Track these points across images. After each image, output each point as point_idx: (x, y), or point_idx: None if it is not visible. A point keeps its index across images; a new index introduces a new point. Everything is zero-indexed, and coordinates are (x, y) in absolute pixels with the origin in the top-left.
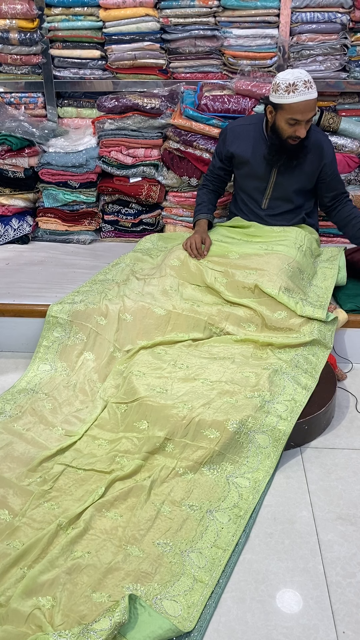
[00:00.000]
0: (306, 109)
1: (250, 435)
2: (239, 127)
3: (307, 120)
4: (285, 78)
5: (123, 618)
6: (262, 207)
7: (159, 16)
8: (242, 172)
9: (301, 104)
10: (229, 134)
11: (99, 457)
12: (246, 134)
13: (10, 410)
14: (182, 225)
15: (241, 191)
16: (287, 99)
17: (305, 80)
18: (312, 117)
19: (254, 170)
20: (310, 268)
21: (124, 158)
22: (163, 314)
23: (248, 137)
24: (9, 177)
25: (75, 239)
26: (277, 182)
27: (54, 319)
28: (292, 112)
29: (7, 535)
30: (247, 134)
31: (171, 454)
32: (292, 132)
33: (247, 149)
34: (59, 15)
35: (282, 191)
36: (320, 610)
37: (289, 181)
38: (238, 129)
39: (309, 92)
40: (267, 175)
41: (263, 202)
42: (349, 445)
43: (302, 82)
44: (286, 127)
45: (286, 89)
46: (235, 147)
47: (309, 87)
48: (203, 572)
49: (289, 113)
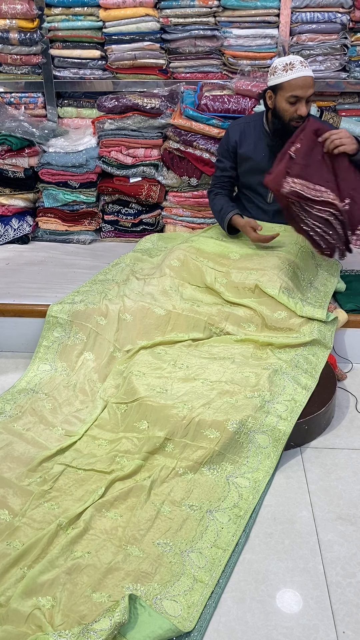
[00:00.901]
0: (305, 85)
1: (250, 435)
2: (240, 124)
3: (307, 98)
4: (282, 60)
5: (123, 618)
6: (268, 201)
7: (159, 16)
8: (245, 168)
9: (299, 79)
10: (232, 130)
11: (99, 457)
12: (248, 130)
13: (10, 410)
14: (182, 225)
15: (245, 188)
16: (286, 76)
17: (301, 60)
18: (311, 96)
19: (258, 164)
20: (310, 269)
21: (124, 158)
22: (163, 314)
23: (250, 133)
24: (9, 177)
25: (75, 239)
26: None
27: (54, 319)
28: (292, 88)
29: (7, 535)
30: (249, 130)
31: (171, 454)
32: (294, 111)
33: (250, 144)
34: (59, 15)
35: None
36: (320, 610)
37: None
38: (240, 126)
39: (306, 70)
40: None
41: (268, 196)
42: (349, 445)
43: (298, 61)
44: (287, 107)
45: (284, 68)
46: (239, 141)
47: (305, 65)
48: (203, 572)
49: (289, 90)
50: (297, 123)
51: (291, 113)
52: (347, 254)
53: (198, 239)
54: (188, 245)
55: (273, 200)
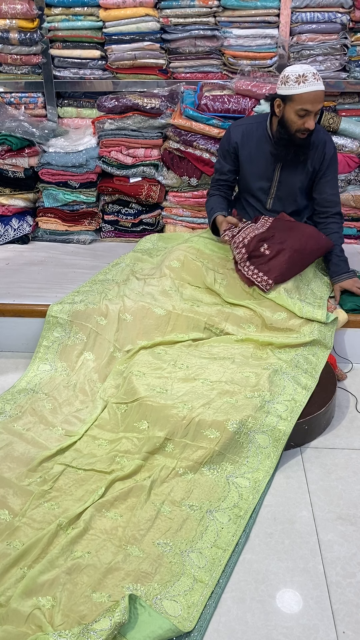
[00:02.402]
0: (316, 100)
1: (250, 435)
2: (242, 126)
3: (316, 112)
4: (295, 70)
5: (123, 618)
6: (267, 207)
7: (159, 16)
8: (246, 172)
9: (311, 94)
10: (234, 131)
11: (99, 457)
12: (250, 133)
13: (10, 410)
14: (182, 225)
15: (245, 192)
16: (297, 89)
17: (314, 72)
18: (319, 109)
19: (258, 168)
20: (309, 271)
21: (124, 158)
22: (163, 314)
23: (252, 136)
24: (9, 177)
25: (75, 239)
26: (280, 180)
27: (54, 319)
28: (302, 102)
29: (7, 535)
30: (251, 132)
31: (171, 454)
32: (302, 124)
33: (252, 147)
34: (59, 15)
35: (286, 190)
36: (320, 610)
37: (293, 179)
38: (242, 127)
39: (318, 84)
40: (271, 173)
41: (268, 201)
42: (349, 445)
43: (311, 73)
44: (296, 119)
45: (296, 80)
46: (241, 143)
47: (318, 79)
48: (203, 572)
49: (299, 104)
50: (302, 135)
51: (299, 125)
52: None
53: (198, 239)
54: (188, 246)
55: (272, 206)
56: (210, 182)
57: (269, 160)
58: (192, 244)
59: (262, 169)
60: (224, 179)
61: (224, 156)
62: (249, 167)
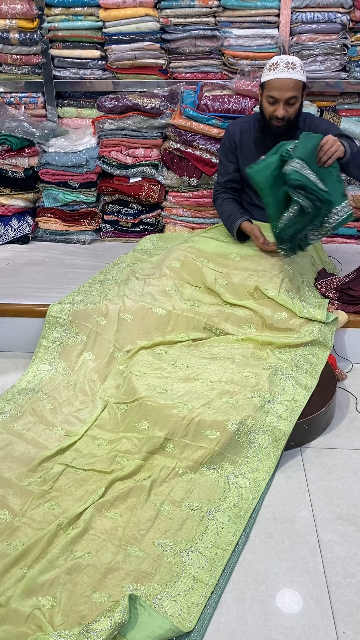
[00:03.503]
0: (282, 87)
1: (250, 435)
2: (239, 123)
3: (287, 100)
4: (274, 58)
5: (123, 618)
6: None
7: (159, 16)
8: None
9: (277, 81)
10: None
11: (99, 457)
12: (247, 130)
13: (10, 410)
14: (182, 225)
15: (247, 187)
16: (267, 76)
17: (289, 62)
18: (291, 98)
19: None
20: (310, 272)
21: (124, 158)
22: (163, 314)
23: (249, 132)
24: (9, 177)
25: (75, 239)
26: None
27: (54, 319)
28: (270, 89)
29: (7, 535)
30: (248, 129)
31: (171, 454)
32: (272, 111)
33: (249, 142)
34: (59, 15)
35: None
36: (320, 610)
37: None
38: (239, 125)
39: (288, 72)
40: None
41: None
42: (349, 445)
43: (284, 62)
44: (267, 106)
45: (269, 68)
46: (239, 139)
47: (291, 68)
48: (203, 572)
49: (268, 90)
50: (277, 122)
51: (270, 112)
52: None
53: (198, 239)
54: (188, 246)
55: None
56: (214, 186)
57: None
58: (192, 243)
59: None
60: (230, 179)
61: (226, 155)
62: (248, 162)
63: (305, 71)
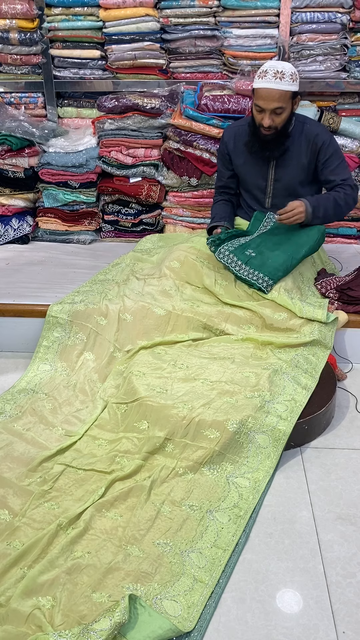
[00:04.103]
0: (268, 97)
1: (250, 435)
2: (234, 127)
3: (273, 110)
4: (266, 65)
5: (123, 618)
6: (266, 206)
7: (159, 16)
8: (241, 172)
9: (263, 90)
10: (226, 134)
11: (99, 457)
12: (241, 134)
13: (10, 410)
14: (182, 225)
15: (245, 192)
16: (256, 84)
17: (277, 71)
18: (277, 108)
19: (252, 167)
20: (310, 272)
21: (124, 158)
22: (163, 314)
23: (244, 136)
24: (9, 177)
25: (75, 239)
26: (276, 177)
27: (54, 319)
28: (257, 97)
29: (7, 535)
30: (243, 133)
31: (171, 454)
32: (260, 119)
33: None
34: (59, 15)
35: (283, 187)
36: (320, 610)
37: (289, 175)
38: (234, 129)
39: (276, 82)
40: (266, 172)
41: (266, 200)
42: (349, 445)
43: (273, 71)
44: (255, 113)
45: (259, 75)
46: (232, 145)
47: (279, 77)
48: (203, 572)
49: (255, 98)
50: (265, 131)
51: (258, 120)
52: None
53: (198, 239)
54: (188, 246)
55: (271, 205)
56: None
57: (262, 160)
58: (192, 244)
59: (256, 168)
60: (224, 184)
61: (222, 162)
62: (243, 167)
63: (297, 79)
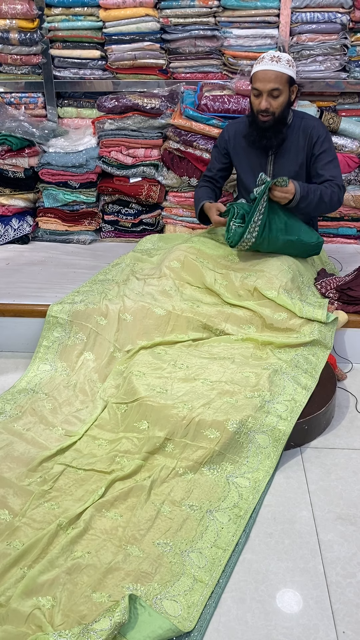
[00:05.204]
0: (264, 79)
1: (250, 435)
2: (236, 124)
3: (270, 92)
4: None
5: (123, 618)
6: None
7: (159, 16)
8: (240, 167)
9: (260, 72)
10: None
11: (99, 457)
12: (242, 129)
13: (10, 410)
14: (182, 225)
15: (243, 189)
16: (254, 68)
17: (274, 56)
18: (274, 90)
19: (251, 161)
20: (309, 272)
21: (124, 158)
22: (163, 314)
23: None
24: (9, 177)
25: (75, 239)
26: (275, 172)
27: (54, 319)
28: (254, 81)
29: (7, 535)
30: (243, 129)
31: (171, 454)
32: (257, 104)
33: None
34: (59, 15)
35: None
36: (320, 610)
37: (287, 170)
38: (235, 125)
39: (272, 64)
40: (264, 166)
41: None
42: (349, 445)
43: (270, 55)
44: (253, 100)
45: (257, 62)
46: (233, 141)
47: (276, 61)
48: (203, 572)
49: (253, 82)
50: (263, 117)
51: (256, 105)
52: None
53: (198, 239)
54: (188, 246)
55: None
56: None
57: (261, 154)
58: (192, 244)
59: (255, 163)
60: (211, 175)
61: (216, 155)
62: (242, 162)
63: (293, 66)
